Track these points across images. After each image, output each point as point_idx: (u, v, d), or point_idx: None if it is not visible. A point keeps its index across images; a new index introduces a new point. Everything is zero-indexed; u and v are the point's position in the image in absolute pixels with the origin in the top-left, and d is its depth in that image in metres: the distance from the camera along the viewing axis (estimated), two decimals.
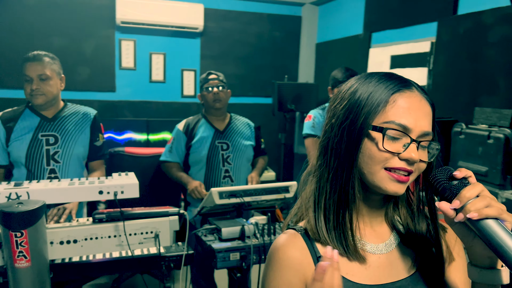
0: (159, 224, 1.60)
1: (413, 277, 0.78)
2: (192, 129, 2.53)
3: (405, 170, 0.74)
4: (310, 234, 0.80)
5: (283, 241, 0.81)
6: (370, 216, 0.81)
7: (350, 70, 2.66)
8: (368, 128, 0.75)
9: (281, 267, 0.79)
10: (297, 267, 0.78)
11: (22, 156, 1.97)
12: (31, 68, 1.97)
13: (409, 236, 0.81)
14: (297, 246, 0.80)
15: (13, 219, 1.23)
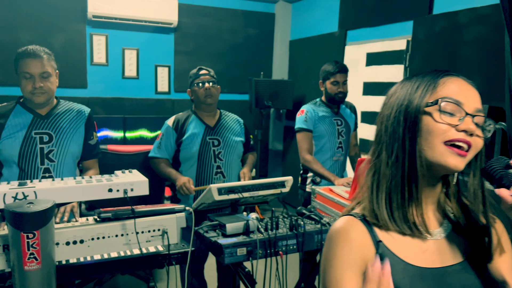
0: (166, 222, 1.58)
1: (463, 264, 0.82)
2: (183, 125, 2.49)
3: (464, 141, 0.76)
4: (369, 219, 0.83)
5: (344, 224, 0.84)
6: (426, 203, 0.85)
7: (339, 62, 2.73)
8: (423, 106, 0.79)
9: (343, 246, 0.81)
10: (359, 247, 0.80)
11: (14, 155, 1.86)
12: (32, 65, 1.86)
13: (460, 225, 0.85)
14: (357, 228, 0.82)
15: (25, 220, 1.17)
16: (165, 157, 2.47)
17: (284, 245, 1.73)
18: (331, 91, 2.72)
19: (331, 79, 2.70)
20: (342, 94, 2.73)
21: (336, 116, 2.81)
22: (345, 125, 2.83)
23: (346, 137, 2.82)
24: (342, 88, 2.71)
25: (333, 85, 2.70)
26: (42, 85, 1.88)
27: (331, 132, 2.77)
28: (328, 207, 2.12)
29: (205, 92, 2.44)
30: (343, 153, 2.82)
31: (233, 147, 2.56)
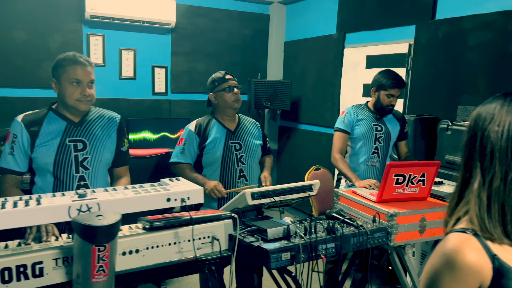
0: (215, 228, 1.59)
1: None
2: (205, 130, 2.49)
3: None
4: (481, 234, 0.87)
5: (459, 245, 0.86)
6: None
7: (399, 77, 2.70)
8: None
9: (461, 273, 0.83)
10: (478, 271, 0.82)
11: (49, 163, 1.81)
12: (82, 72, 1.82)
13: None
14: (473, 248, 0.84)
15: (98, 233, 1.17)
16: (189, 162, 2.48)
17: (323, 248, 1.78)
18: (383, 102, 2.72)
19: (388, 91, 2.68)
20: (392, 107, 2.75)
21: (377, 121, 2.81)
22: (385, 132, 2.80)
23: (384, 144, 2.80)
24: (394, 101, 2.72)
25: (387, 97, 2.70)
26: (90, 93, 1.86)
27: (368, 136, 2.77)
28: (353, 209, 2.19)
29: (234, 97, 2.45)
30: (379, 160, 2.80)
31: (253, 151, 2.59)
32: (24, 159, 1.84)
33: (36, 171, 1.87)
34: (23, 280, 1.27)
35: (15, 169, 1.83)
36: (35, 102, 4.05)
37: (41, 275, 1.29)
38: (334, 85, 4.34)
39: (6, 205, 1.21)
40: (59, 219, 1.26)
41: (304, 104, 4.87)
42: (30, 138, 1.83)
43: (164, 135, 4.07)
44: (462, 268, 0.83)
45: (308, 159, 4.81)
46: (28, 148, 1.83)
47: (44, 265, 1.30)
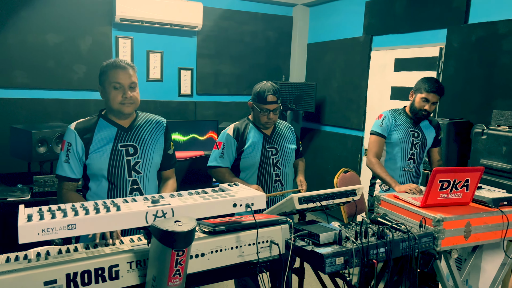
0: (273, 233, 1.63)
1: None
2: (243, 134, 2.53)
3: None
4: None
5: None
6: None
7: (438, 83, 2.69)
8: None
9: None
10: None
11: (103, 169, 1.87)
12: (123, 76, 1.86)
13: None
14: None
15: (178, 238, 1.21)
16: (227, 166, 2.51)
17: (374, 253, 1.82)
18: (418, 105, 2.71)
19: (423, 94, 2.67)
20: (426, 113, 2.71)
21: (414, 127, 2.80)
22: (421, 138, 2.80)
23: (420, 150, 2.80)
24: (428, 107, 2.69)
25: (422, 100, 2.68)
26: (132, 95, 1.89)
27: (405, 142, 2.77)
28: (396, 214, 2.21)
29: (268, 120, 2.47)
30: (415, 166, 2.81)
31: (289, 155, 2.62)
32: (79, 166, 1.88)
33: (91, 177, 1.91)
34: (101, 282, 1.32)
35: (71, 176, 1.88)
36: (66, 104, 4.13)
37: (116, 278, 1.34)
38: (360, 87, 4.36)
39: (90, 211, 1.26)
40: (138, 225, 1.31)
41: (328, 106, 4.90)
42: (84, 146, 1.87)
43: (193, 136, 4.12)
44: None
45: (332, 161, 4.83)
46: (82, 155, 1.87)
47: (120, 268, 1.35)
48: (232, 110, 5.02)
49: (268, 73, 5.15)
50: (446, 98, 3.44)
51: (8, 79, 3.89)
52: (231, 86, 5.04)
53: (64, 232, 1.20)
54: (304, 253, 1.80)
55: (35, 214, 1.23)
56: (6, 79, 3.88)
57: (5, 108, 3.88)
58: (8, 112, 3.88)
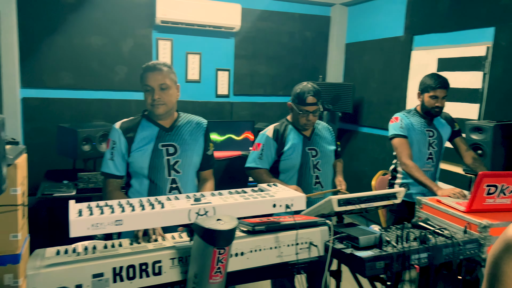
0: (312, 234, 1.63)
1: None
2: (282, 136, 2.52)
3: None
4: None
5: None
6: None
7: (441, 77, 2.70)
8: None
9: None
10: None
11: (144, 167, 1.93)
12: (152, 78, 1.91)
13: None
14: None
15: (220, 237, 1.23)
16: (266, 167, 2.51)
17: (416, 258, 1.77)
18: (428, 105, 2.71)
19: (430, 92, 2.68)
20: (439, 109, 2.71)
21: (429, 127, 2.80)
22: (437, 137, 2.80)
23: (437, 149, 2.80)
24: (439, 103, 2.69)
25: (431, 99, 2.69)
26: (160, 97, 1.92)
27: (422, 143, 2.76)
28: (438, 218, 2.15)
29: (307, 122, 2.46)
30: (434, 164, 2.81)
31: (329, 156, 2.59)
32: (123, 164, 1.95)
33: (133, 174, 1.97)
34: (144, 277, 1.36)
35: (116, 173, 1.95)
36: (108, 104, 4.28)
37: (159, 274, 1.38)
38: (400, 88, 4.26)
39: (135, 208, 1.31)
40: (181, 222, 1.34)
41: (366, 106, 4.81)
42: (127, 144, 1.93)
43: (229, 137, 4.16)
44: None
45: (369, 163, 4.75)
46: (125, 153, 1.94)
47: (163, 264, 1.38)
48: (267, 110, 5.03)
49: (305, 73, 5.12)
50: (492, 99, 3.30)
51: (55, 80, 4.07)
52: (267, 87, 5.05)
53: (111, 228, 1.24)
54: (342, 256, 1.77)
55: (85, 210, 1.28)
56: (54, 80, 4.07)
57: (52, 107, 4.06)
58: (55, 112, 4.07)
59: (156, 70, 1.93)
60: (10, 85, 3.81)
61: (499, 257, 0.99)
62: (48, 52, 3.99)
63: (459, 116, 3.51)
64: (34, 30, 3.92)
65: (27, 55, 3.92)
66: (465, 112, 3.49)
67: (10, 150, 2.44)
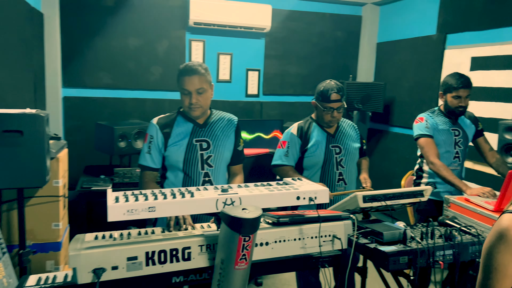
0: (335, 228, 1.67)
1: None
2: (306, 133, 2.57)
3: None
4: None
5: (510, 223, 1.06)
6: None
7: (463, 76, 2.69)
8: None
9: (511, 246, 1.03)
10: None
11: (180, 161, 2.04)
12: (189, 83, 2.01)
13: None
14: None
15: (245, 225, 1.31)
16: (292, 164, 2.57)
17: (441, 255, 1.78)
18: (452, 104, 2.72)
19: (453, 93, 2.69)
20: (463, 108, 2.72)
21: (454, 126, 2.81)
22: (462, 135, 2.81)
23: (463, 147, 2.82)
24: (463, 103, 2.70)
25: (454, 99, 2.70)
26: (197, 101, 2.01)
27: (449, 142, 2.77)
28: (466, 217, 2.13)
29: (331, 119, 2.50)
30: (460, 163, 2.83)
31: (353, 154, 2.62)
32: (159, 157, 2.07)
33: (168, 167, 2.09)
34: (174, 262, 1.45)
35: (152, 166, 2.07)
36: (144, 103, 4.45)
37: (188, 259, 1.47)
38: (432, 87, 4.20)
39: (167, 196, 1.40)
40: (209, 210, 1.42)
41: (398, 106, 4.77)
42: (163, 139, 2.05)
43: (258, 135, 4.24)
44: None
45: (399, 163, 4.69)
46: (162, 147, 2.05)
47: (192, 250, 1.47)
48: (297, 110, 5.07)
49: (335, 73, 5.12)
50: None
51: (94, 80, 4.28)
52: (296, 86, 5.09)
53: (145, 214, 1.34)
54: (367, 250, 1.81)
55: (121, 197, 1.39)
56: (93, 80, 4.28)
57: (91, 106, 4.27)
58: (93, 110, 4.27)
59: (194, 74, 2.01)
60: (52, 84, 4.04)
61: (492, 246, 1.07)
62: (88, 53, 4.20)
63: (492, 116, 3.44)
64: (75, 33, 4.14)
65: (68, 56, 4.14)
66: (499, 111, 3.41)
67: (53, 144, 2.61)
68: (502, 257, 1.05)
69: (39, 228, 2.56)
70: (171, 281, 1.52)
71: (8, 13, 2.69)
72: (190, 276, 1.55)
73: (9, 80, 2.71)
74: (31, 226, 2.51)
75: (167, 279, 1.51)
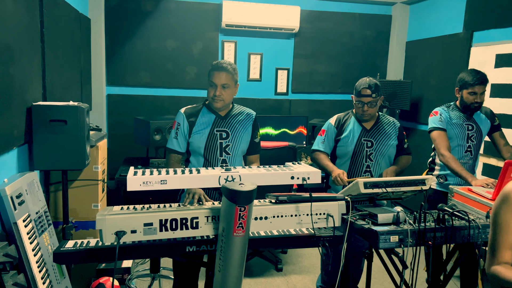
0: (329, 207, 1.85)
1: None
2: (343, 125, 2.74)
3: None
4: None
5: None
6: None
7: (480, 73, 2.76)
8: None
9: None
10: None
11: (201, 147, 2.31)
12: (217, 77, 2.28)
13: None
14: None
15: (240, 196, 1.53)
16: (327, 152, 2.75)
17: (431, 236, 1.91)
18: (467, 100, 2.80)
19: (469, 89, 2.76)
20: (478, 104, 2.79)
21: (468, 121, 2.88)
22: (476, 130, 2.88)
23: (476, 142, 2.88)
24: (478, 99, 2.77)
25: (469, 95, 2.78)
26: (220, 94, 2.27)
27: (461, 137, 2.85)
28: (467, 206, 2.23)
29: (362, 113, 2.64)
30: (472, 157, 2.90)
31: (385, 149, 2.69)
32: (184, 143, 2.35)
33: (192, 153, 2.37)
34: (184, 229, 1.70)
35: (178, 149, 2.35)
36: (179, 101, 4.78)
37: (196, 228, 1.71)
38: None
39: (178, 172, 1.65)
40: (212, 185, 1.66)
41: (425, 104, 4.79)
42: (189, 127, 2.33)
43: (284, 131, 4.45)
44: None
45: (426, 160, 4.71)
46: (187, 134, 2.33)
47: (199, 220, 1.71)
48: (325, 107, 5.22)
49: (364, 71, 5.20)
50: None
51: (135, 79, 4.66)
52: (325, 85, 5.24)
53: (158, 185, 1.60)
54: (363, 231, 1.97)
55: (139, 172, 1.65)
56: (134, 79, 4.66)
57: (131, 103, 4.66)
58: (133, 106, 4.66)
59: (222, 70, 2.28)
60: (98, 83, 4.46)
61: (498, 208, 1.30)
62: (129, 54, 4.59)
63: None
64: (118, 36, 4.54)
65: (112, 57, 4.55)
66: None
67: (94, 134, 2.96)
68: (504, 214, 1.27)
69: (81, 208, 2.91)
70: (185, 250, 1.78)
71: (59, 19, 3.07)
72: (202, 247, 1.79)
73: (59, 79, 3.09)
74: (73, 205, 2.87)
75: (181, 248, 1.77)
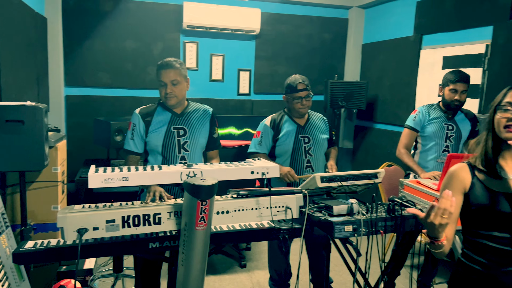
0: (288, 200, 1.94)
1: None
2: (278, 125, 2.85)
3: None
4: (472, 164, 1.58)
5: (458, 167, 1.61)
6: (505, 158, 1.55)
7: (462, 72, 2.88)
8: None
9: (454, 179, 1.58)
10: (462, 180, 1.57)
11: (159, 146, 2.33)
12: (165, 75, 2.31)
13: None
14: (464, 169, 1.59)
15: (202, 190, 1.58)
16: (265, 152, 2.85)
17: (383, 225, 2.04)
18: (448, 98, 2.89)
19: (450, 86, 2.86)
20: (458, 102, 2.88)
21: (449, 121, 2.97)
22: (456, 131, 2.96)
23: (455, 142, 2.96)
24: (459, 97, 2.85)
25: (450, 92, 2.87)
26: (171, 91, 2.30)
27: (439, 135, 2.95)
28: (416, 197, 2.39)
29: (302, 107, 2.77)
30: None
31: (320, 144, 2.88)
32: (141, 143, 2.36)
33: (150, 152, 2.38)
34: (147, 225, 1.74)
35: (135, 150, 2.36)
36: (140, 101, 4.74)
37: (159, 223, 1.75)
38: (410, 85, 4.45)
39: (139, 169, 1.68)
40: (174, 181, 1.70)
41: (380, 103, 5.02)
42: (145, 126, 2.34)
43: (246, 130, 4.53)
44: (455, 177, 1.59)
45: (383, 158, 4.94)
46: (143, 134, 2.35)
47: (162, 215, 1.75)
48: None
49: (322, 72, 5.39)
50: (490, 94, 3.46)
51: (95, 79, 4.59)
52: None
53: (120, 182, 1.62)
54: (319, 222, 2.08)
55: (101, 169, 1.67)
56: (94, 80, 4.59)
57: (91, 104, 4.58)
58: (93, 107, 4.58)
59: (169, 67, 2.31)
60: (55, 84, 4.36)
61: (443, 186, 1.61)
62: (88, 54, 4.52)
63: None
64: (77, 36, 4.46)
65: (70, 58, 4.46)
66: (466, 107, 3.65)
67: (53, 135, 2.91)
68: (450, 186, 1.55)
69: (40, 210, 2.86)
70: (148, 246, 1.81)
71: (14, 18, 3.00)
72: (165, 243, 1.83)
73: (14, 79, 3.02)
74: (32, 207, 2.81)
75: (145, 245, 1.80)
